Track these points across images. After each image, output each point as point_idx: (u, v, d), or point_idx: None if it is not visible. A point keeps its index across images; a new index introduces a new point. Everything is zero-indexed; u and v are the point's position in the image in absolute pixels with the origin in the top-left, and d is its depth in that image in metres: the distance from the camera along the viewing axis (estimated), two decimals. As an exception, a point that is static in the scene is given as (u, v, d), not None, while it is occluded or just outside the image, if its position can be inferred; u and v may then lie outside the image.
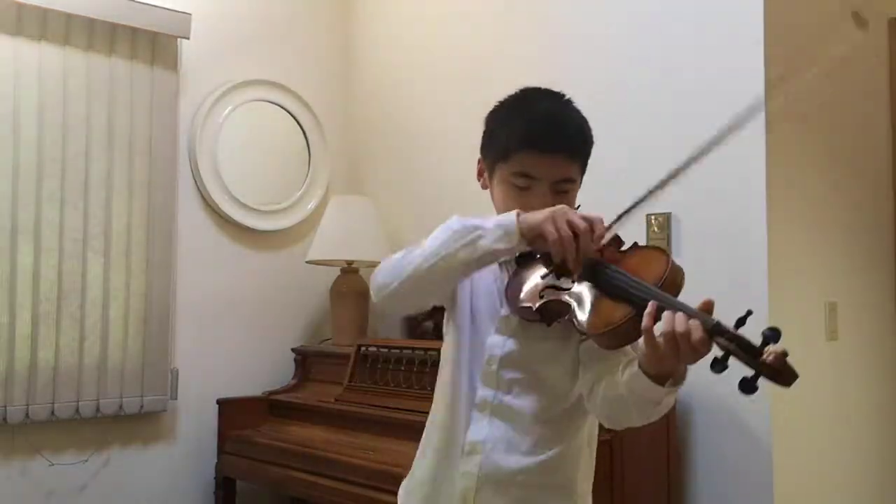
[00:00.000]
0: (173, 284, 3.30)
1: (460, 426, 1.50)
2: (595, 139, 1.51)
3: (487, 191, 1.55)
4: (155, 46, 3.26)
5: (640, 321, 1.20)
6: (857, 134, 2.86)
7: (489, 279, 1.53)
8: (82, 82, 3.08)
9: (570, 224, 1.28)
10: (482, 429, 1.48)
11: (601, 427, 1.56)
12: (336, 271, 3.50)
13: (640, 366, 1.24)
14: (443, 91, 3.40)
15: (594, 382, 1.38)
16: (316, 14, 3.83)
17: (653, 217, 2.61)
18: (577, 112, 1.50)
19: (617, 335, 1.27)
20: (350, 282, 3.45)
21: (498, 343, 1.48)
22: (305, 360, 3.44)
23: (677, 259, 1.33)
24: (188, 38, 3.30)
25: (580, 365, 1.44)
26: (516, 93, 1.52)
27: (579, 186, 1.48)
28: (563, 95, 1.51)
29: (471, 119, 1.62)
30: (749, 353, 1.10)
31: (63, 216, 3.02)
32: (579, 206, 1.46)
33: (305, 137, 3.69)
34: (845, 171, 2.80)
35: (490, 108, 1.57)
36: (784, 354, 1.09)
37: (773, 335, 1.11)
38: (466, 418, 1.49)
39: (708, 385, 2.50)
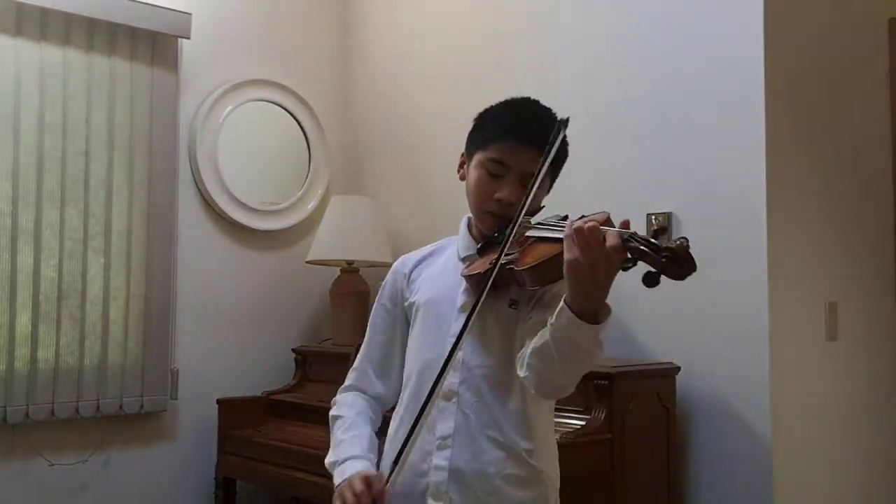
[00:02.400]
0: (173, 284, 3.30)
1: (427, 418, 1.50)
2: (594, 140, 1.52)
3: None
4: (155, 46, 3.26)
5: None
6: (857, 134, 2.86)
7: (452, 274, 1.60)
8: (82, 82, 3.09)
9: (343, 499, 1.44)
10: (449, 419, 1.50)
11: (603, 426, 1.56)
12: (336, 271, 3.50)
13: (564, 301, 1.26)
14: (443, 91, 3.40)
15: (527, 343, 1.39)
16: (316, 14, 3.83)
17: (653, 216, 2.60)
18: (558, 122, 1.57)
19: (546, 267, 1.34)
20: (350, 282, 3.45)
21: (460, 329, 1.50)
22: (305, 360, 3.44)
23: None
24: (188, 38, 3.31)
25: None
26: (506, 99, 1.62)
27: (547, 191, 1.57)
28: (549, 108, 1.59)
29: (470, 119, 1.65)
30: (655, 249, 1.16)
31: (63, 216, 3.03)
32: (543, 206, 1.53)
33: (305, 137, 3.69)
34: (845, 171, 2.80)
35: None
36: (686, 245, 1.16)
37: (682, 238, 1.17)
38: (433, 409, 1.50)
39: (708, 385, 2.50)
